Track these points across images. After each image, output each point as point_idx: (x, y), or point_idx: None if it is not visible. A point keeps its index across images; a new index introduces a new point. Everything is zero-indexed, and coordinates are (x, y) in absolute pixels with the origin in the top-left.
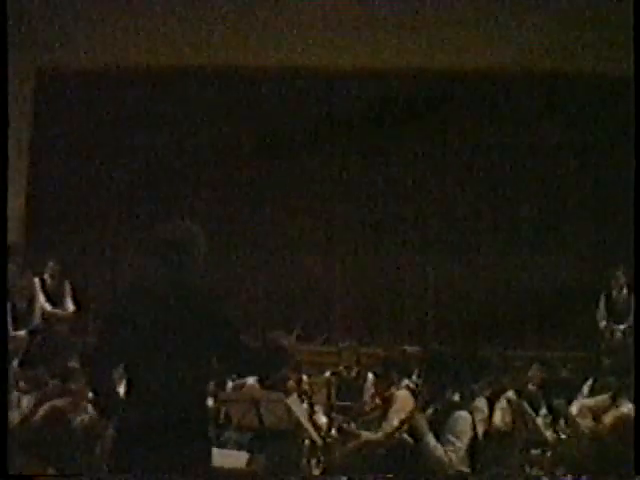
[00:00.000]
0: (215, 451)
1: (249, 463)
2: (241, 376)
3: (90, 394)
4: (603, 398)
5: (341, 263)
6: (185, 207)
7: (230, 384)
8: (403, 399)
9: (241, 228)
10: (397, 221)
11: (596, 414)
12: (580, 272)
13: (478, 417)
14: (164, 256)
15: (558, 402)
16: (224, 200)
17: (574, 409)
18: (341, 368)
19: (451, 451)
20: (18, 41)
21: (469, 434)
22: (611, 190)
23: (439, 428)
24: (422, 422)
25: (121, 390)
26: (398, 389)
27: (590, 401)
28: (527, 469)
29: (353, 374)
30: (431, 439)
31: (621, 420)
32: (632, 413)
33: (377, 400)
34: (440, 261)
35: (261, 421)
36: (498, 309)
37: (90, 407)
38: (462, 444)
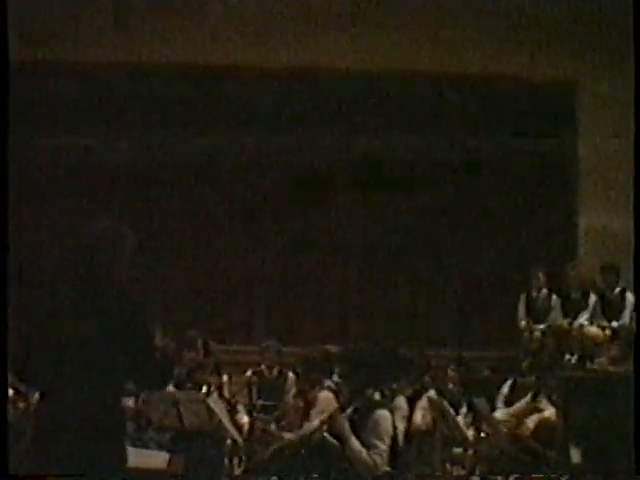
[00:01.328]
0: (135, 451)
1: (169, 463)
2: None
3: (10, 393)
4: (525, 400)
5: (263, 263)
6: (113, 207)
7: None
8: (325, 400)
9: (164, 229)
10: (317, 220)
11: (517, 415)
12: (500, 272)
13: (399, 416)
14: (89, 256)
15: (478, 401)
16: (148, 200)
17: (497, 411)
18: (263, 367)
19: (375, 454)
20: None
21: (390, 434)
22: (535, 191)
23: (360, 428)
24: (345, 426)
25: (37, 390)
26: (320, 389)
27: (513, 409)
28: (448, 467)
29: (275, 373)
30: (355, 442)
31: (544, 424)
32: (553, 417)
33: (299, 401)
34: (361, 261)
35: (182, 421)
36: (419, 308)
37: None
38: (385, 445)
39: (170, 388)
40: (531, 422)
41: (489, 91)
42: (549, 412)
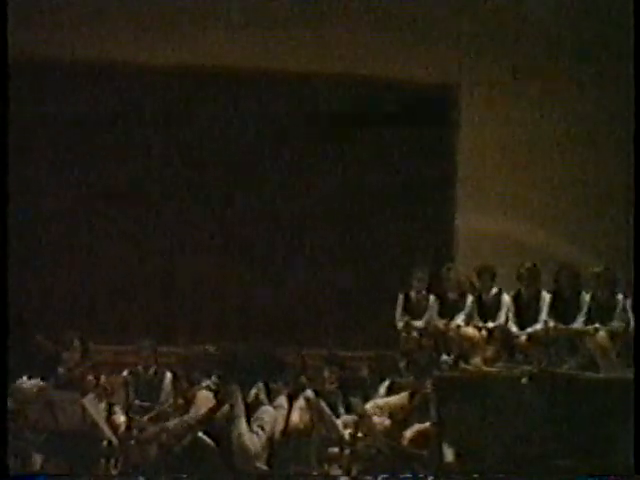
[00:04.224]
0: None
1: (44, 465)
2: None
3: None
4: (400, 397)
5: (140, 261)
6: None
7: (25, 384)
8: (203, 399)
9: (42, 228)
10: (197, 222)
11: (393, 413)
12: (378, 272)
13: (279, 415)
14: None
15: (355, 401)
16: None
17: (371, 408)
18: (139, 367)
19: (256, 440)
20: None
21: (271, 429)
22: (413, 193)
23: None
24: (240, 403)
25: None
26: (199, 389)
27: (386, 401)
28: (325, 467)
29: (152, 373)
30: (243, 423)
31: (422, 434)
32: (431, 427)
33: (178, 400)
34: (239, 261)
35: (57, 422)
36: (296, 308)
37: None
38: (266, 436)
39: (46, 388)
40: (410, 433)
41: (370, 91)
42: (428, 423)
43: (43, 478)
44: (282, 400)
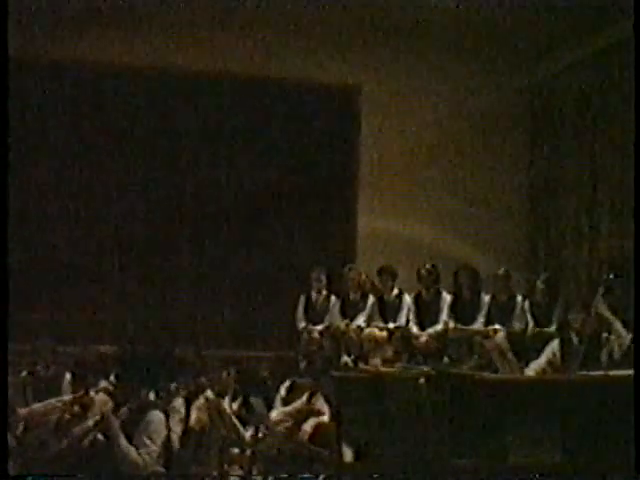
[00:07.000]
0: None
1: None
2: None
3: None
4: (301, 400)
5: (39, 258)
6: None
7: None
8: (99, 402)
9: None
10: (96, 219)
11: (293, 415)
12: (279, 273)
13: (175, 417)
14: None
15: (255, 401)
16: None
17: (273, 411)
18: (38, 368)
19: (145, 453)
20: None
21: (163, 434)
22: (315, 193)
23: (134, 428)
24: (114, 425)
25: None
26: (96, 390)
27: (292, 407)
28: (225, 467)
29: (50, 374)
30: (123, 441)
31: (321, 428)
32: (329, 420)
33: (75, 402)
34: (139, 261)
35: None
36: (195, 308)
37: None
38: (156, 445)
39: None
40: (308, 426)
41: (271, 92)
42: (326, 416)
43: (43, 478)
44: (178, 402)
